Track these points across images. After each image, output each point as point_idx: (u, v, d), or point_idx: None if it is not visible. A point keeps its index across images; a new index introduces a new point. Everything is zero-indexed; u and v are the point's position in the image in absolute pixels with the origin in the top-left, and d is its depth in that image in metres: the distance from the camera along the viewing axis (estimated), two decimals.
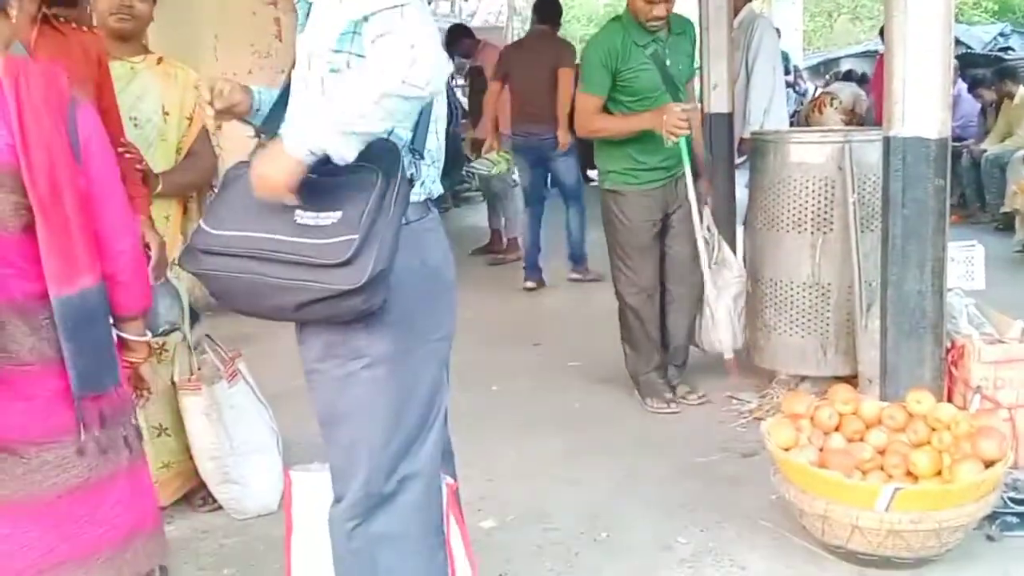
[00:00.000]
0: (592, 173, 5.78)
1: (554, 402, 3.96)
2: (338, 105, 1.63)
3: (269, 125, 1.85)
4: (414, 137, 1.81)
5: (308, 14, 1.81)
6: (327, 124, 1.63)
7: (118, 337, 1.94)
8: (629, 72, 3.64)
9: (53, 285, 1.67)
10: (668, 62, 3.66)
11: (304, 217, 1.69)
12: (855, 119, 7.74)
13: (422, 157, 1.83)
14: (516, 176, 6.66)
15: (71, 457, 1.78)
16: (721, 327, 3.79)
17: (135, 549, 1.87)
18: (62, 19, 2.52)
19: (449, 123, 2.40)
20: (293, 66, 1.87)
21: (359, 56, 1.71)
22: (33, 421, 1.73)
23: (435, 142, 1.88)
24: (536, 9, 6.54)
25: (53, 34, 2.46)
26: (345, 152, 1.64)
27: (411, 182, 1.78)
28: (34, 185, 1.65)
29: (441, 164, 1.94)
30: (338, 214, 1.67)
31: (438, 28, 1.88)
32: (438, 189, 1.93)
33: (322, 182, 1.69)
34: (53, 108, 1.70)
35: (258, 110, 1.91)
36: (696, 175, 3.71)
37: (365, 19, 1.65)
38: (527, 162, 6.25)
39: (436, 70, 1.61)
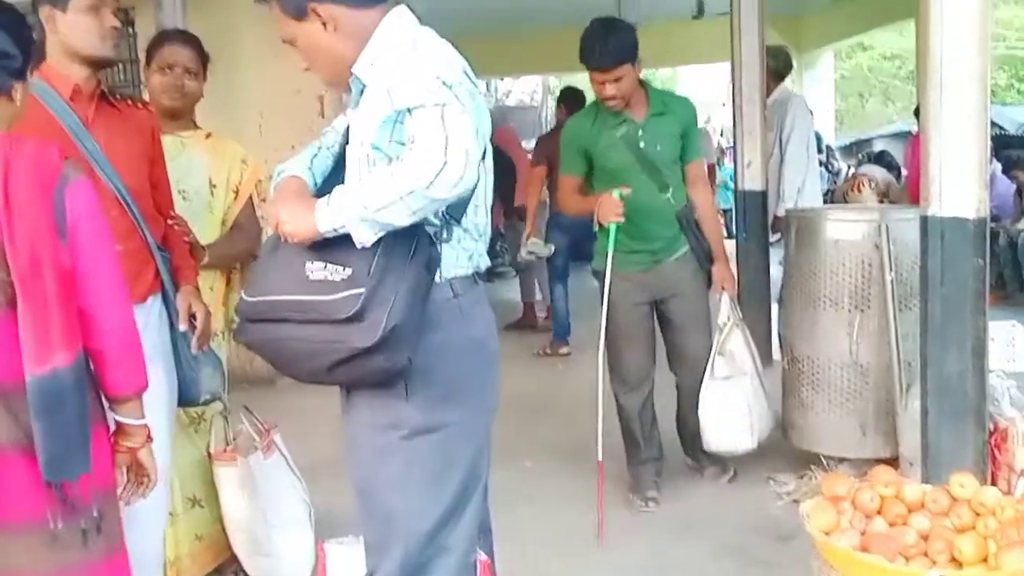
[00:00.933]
0: None
1: (589, 479, 3.92)
2: (366, 193, 1.69)
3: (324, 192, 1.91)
4: (452, 204, 1.83)
5: (362, 92, 1.87)
6: (353, 208, 1.69)
7: (115, 423, 1.89)
8: (598, 152, 3.55)
9: (27, 364, 1.65)
10: (642, 143, 3.50)
11: (315, 272, 1.74)
12: (887, 202, 7.77)
13: (458, 222, 1.86)
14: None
15: (42, 545, 1.72)
16: (710, 424, 3.60)
17: None
18: (118, 96, 2.61)
19: None
20: (346, 139, 1.93)
21: (400, 144, 1.77)
22: (5, 505, 1.69)
23: (483, 218, 1.92)
24: (560, 99, 6.78)
25: (110, 110, 2.53)
26: (363, 237, 1.70)
27: (434, 243, 1.81)
28: (15, 261, 1.65)
29: (488, 239, 1.98)
30: (348, 271, 1.71)
31: None
32: (485, 263, 1.96)
33: (334, 237, 1.74)
34: (40, 185, 1.70)
35: (315, 186, 1.96)
36: (709, 260, 3.65)
37: (408, 111, 1.72)
38: (565, 239, 6.52)
39: (467, 175, 1.66)
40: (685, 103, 3.72)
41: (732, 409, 3.58)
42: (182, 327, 2.65)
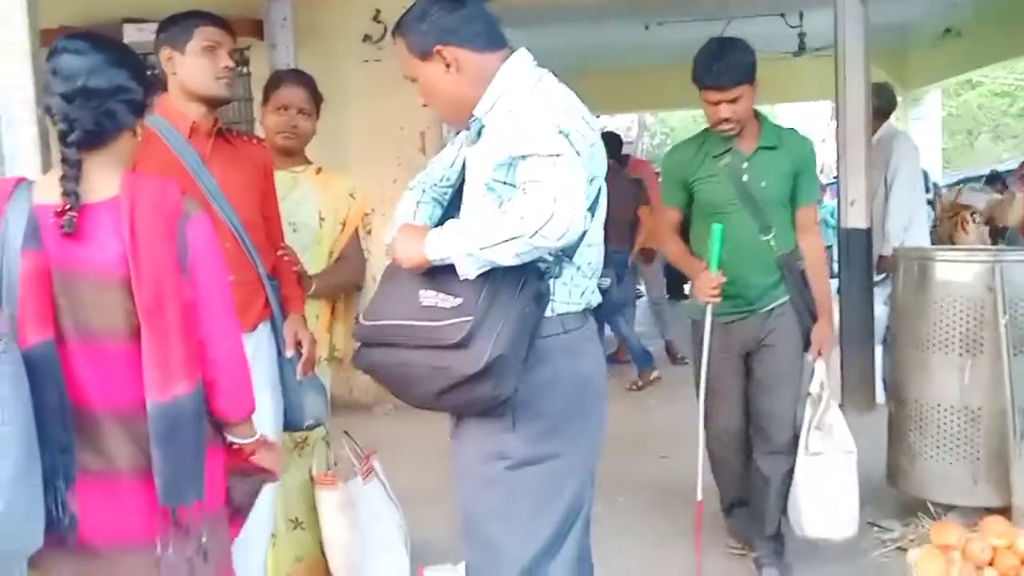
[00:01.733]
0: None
1: (681, 517, 3.86)
2: (475, 231, 1.74)
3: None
4: None
5: (480, 132, 1.92)
6: (460, 243, 1.74)
7: (229, 442, 1.94)
8: (699, 183, 3.24)
9: (150, 392, 1.71)
10: (746, 177, 3.17)
11: (427, 298, 1.80)
12: (995, 225, 7.44)
13: (571, 259, 1.88)
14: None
15: (148, 568, 1.76)
16: (807, 505, 3.18)
17: None
18: (234, 132, 2.72)
19: None
20: (462, 177, 1.98)
21: (512, 186, 1.81)
22: (119, 526, 1.75)
23: (595, 255, 1.95)
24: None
25: (226, 146, 2.64)
26: (466, 271, 1.75)
27: (543, 278, 1.84)
28: (140, 294, 1.71)
29: (599, 275, 2.00)
30: (459, 300, 1.76)
31: None
32: (596, 299, 1.99)
33: (448, 267, 1.79)
34: (164, 221, 1.76)
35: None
36: (812, 317, 3.25)
37: (523, 158, 1.76)
38: (613, 272, 6.53)
39: (572, 226, 1.69)
40: (803, 141, 3.33)
41: (835, 489, 3.18)
42: (289, 353, 2.73)
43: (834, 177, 6.18)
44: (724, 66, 3.08)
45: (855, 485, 3.19)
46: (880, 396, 5.21)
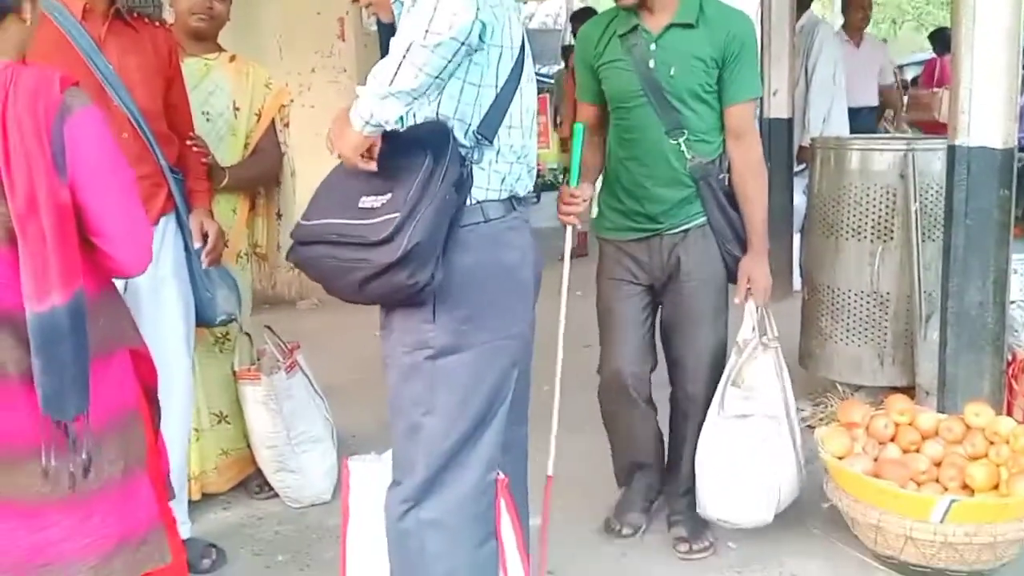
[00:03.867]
0: None
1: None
2: (378, 72, 1.70)
3: None
4: (482, 122, 1.85)
5: (400, 9, 1.85)
6: (371, 91, 1.70)
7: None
8: (603, 69, 2.63)
9: (27, 301, 1.65)
10: (652, 62, 2.52)
11: (365, 201, 1.79)
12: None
13: (489, 142, 1.86)
14: None
15: (37, 476, 1.72)
16: (711, 482, 2.60)
17: (124, 558, 1.80)
18: (134, 14, 2.58)
19: None
20: None
21: None
22: (14, 431, 1.71)
23: (519, 139, 1.92)
24: (573, 19, 6.59)
25: (124, 29, 2.50)
26: (386, 115, 1.70)
27: (465, 163, 1.82)
28: (13, 198, 1.62)
29: (531, 163, 1.98)
30: (388, 196, 1.76)
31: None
32: (524, 187, 1.97)
33: (383, 166, 1.78)
34: (35, 118, 1.64)
35: None
36: (739, 244, 2.66)
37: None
38: None
39: (459, 16, 1.62)
40: (733, 19, 2.57)
41: (747, 465, 2.56)
42: (196, 246, 2.68)
43: None
44: None
45: (779, 460, 2.60)
46: (797, 284, 5.36)
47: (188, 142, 2.73)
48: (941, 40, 8.08)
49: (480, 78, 1.84)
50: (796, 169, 5.60)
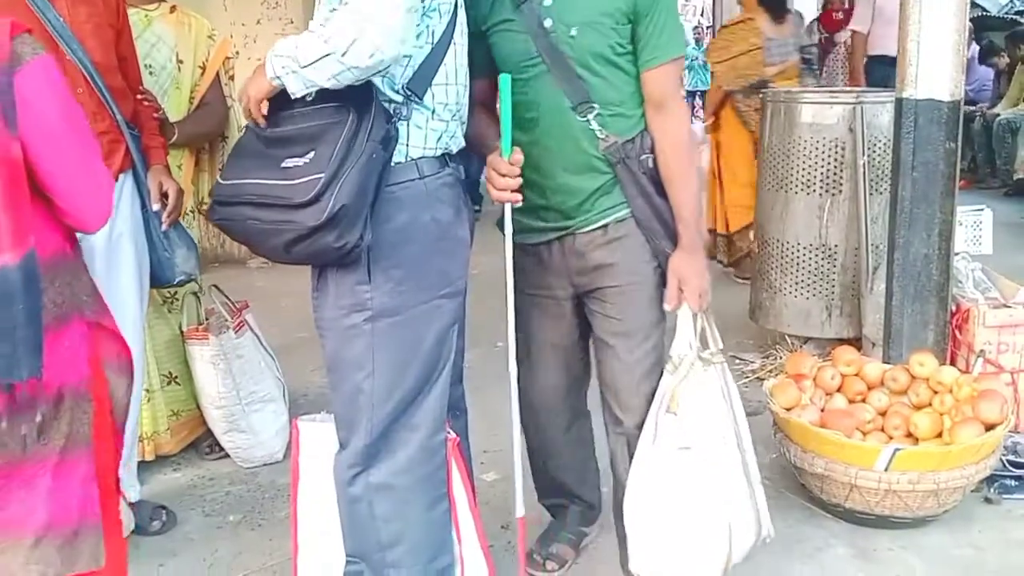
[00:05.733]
0: None
1: None
2: (299, 49, 1.67)
3: None
4: (412, 78, 1.80)
5: None
6: (287, 60, 1.68)
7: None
8: (493, 32, 2.09)
9: None
10: (549, 20, 2.01)
11: (287, 161, 1.74)
12: None
13: (420, 99, 1.82)
14: None
15: None
16: (640, 530, 2.12)
17: (45, 549, 1.70)
18: None
19: None
20: None
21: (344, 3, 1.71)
22: None
23: (453, 96, 1.88)
24: None
25: None
26: (294, 88, 1.70)
27: (392, 120, 1.79)
28: None
29: (463, 119, 1.94)
30: (311, 154, 1.72)
31: None
32: (457, 144, 1.93)
33: (306, 127, 1.74)
34: None
35: None
36: (670, 237, 2.11)
37: None
38: None
39: (384, 48, 1.62)
40: None
41: (687, 510, 2.07)
42: (155, 206, 2.62)
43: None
44: None
45: (728, 502, 2.09)
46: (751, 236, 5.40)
47: (139, 96, 2.65)
48: None
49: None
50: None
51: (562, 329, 2.28)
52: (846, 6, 7.25)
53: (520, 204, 2.03)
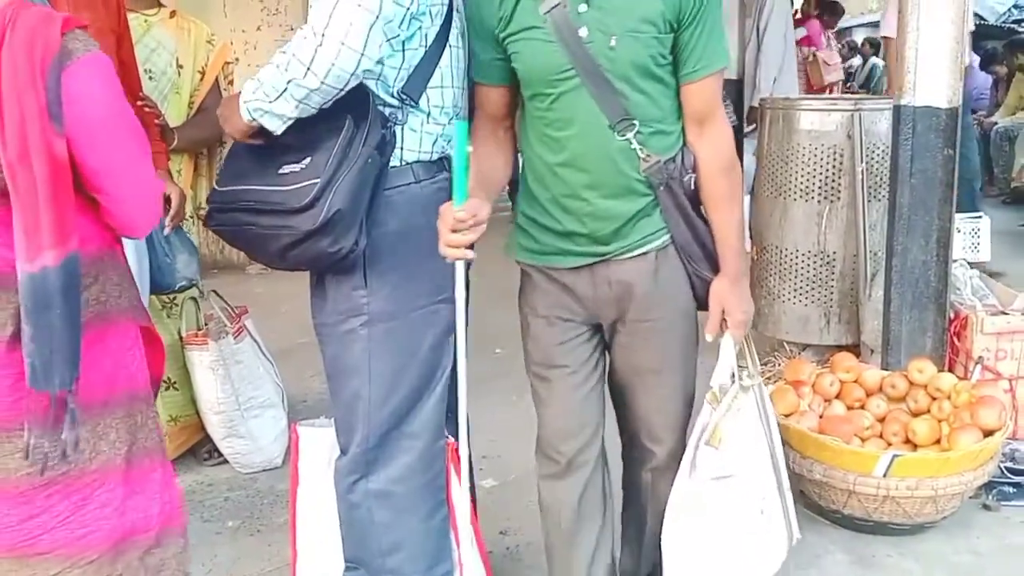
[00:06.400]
0: None
1: None
2: (263, 84, 1.71)
3: None
4: (407, 83, 1.81)
5: None
6: (256, 101, 1.72)
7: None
8: (512, 41, 1.85)
9: (19, 260, 1.52)
10: (584, 30, 1.78)
11: (285, 167, 1.76)
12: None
13: (415, 103, 1.82)
14: None
15: (16, 448, 1.59)
16: (679, 561, 2.01)
17: (129, 559, 1.66)
18: None
19: None
20: None
21: None
22: (10, 401, 1.58)
23: (449, 99, 1.88)
24: None
25: None
26: (272, 127, 1.74)
27: (388, 125, 1.79)
28: (4, 146, 1.50)
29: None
30: (307, 160, 1.73)
31: None
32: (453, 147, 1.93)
33: (304, 133, 1.75)
34: (31, 63, 1.51)
35: None
36: (711, 266, 1.96)
37: None
38: None
39: (340, 62, 1.64)
40: None
41: (727, 535, 2.01)
42: None
43: None
44: None
45: (766, 526, 2.03)
46: (747, 244, 5.41)
47: (140, 103, 2.66)
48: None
49: (404, 42, 1.79)
50: (746, 130, 5.62)
51: (583, 360, 2.02)
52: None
53: (470, 256, 1.72)
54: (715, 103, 1.89)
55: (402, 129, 1.82)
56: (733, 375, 2.00)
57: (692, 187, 1.89)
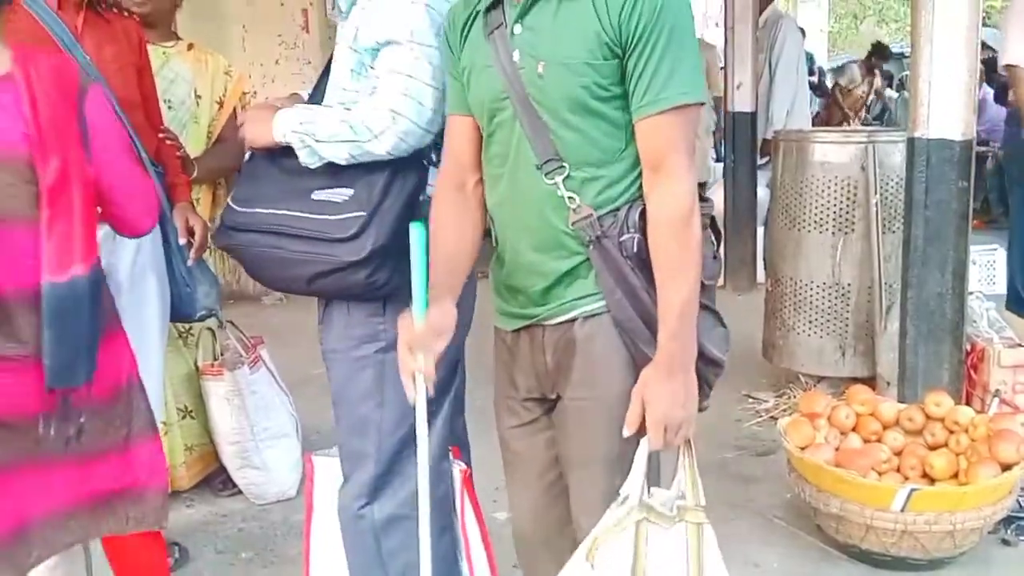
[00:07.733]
0: None
1: None
2: (317, 124, 1.75)
3: (315, 96, 1.95)
4: (441, 126, 1.82)
5: (351, 5, 1.84)
6: (301, 130, 1.76)
7: None
8: (465, 67, 1.67)
9: (47, 271, 1.68)
10: (516, 53, 1.56)
11: (320, 194, 1.79)
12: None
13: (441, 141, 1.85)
14: None
15: (32, 443, 1.75)
16: None
17: (116, 508, 1.87)
18: (103, 4, 2.55)
19: None
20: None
21: (372, 68, 1.79)
22: (29, 399, 1.72)
23: None
24: None
25: (97, 20, 2.50)
26: (306, 160, 1.78)
27: (425, 167, 1.83)
28: (44, 173, 1.66)
29: None
30: (350, 191, 1.76)
31: None
32: None
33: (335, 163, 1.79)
34: (65, 98, 1.70)
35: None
36: (650, 334, 1.59)
37: (383, 45, 1.75)
38: None
39: (407, 140, 1.73)
40: None
41: None
42: (182, 241, 2.66)
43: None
44: None
45: None
46: (761, 276, 5.41)
47: (160, 135, 2.70)
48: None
49: (442, 92, 1.80)
50: (760, 162, 5.64)
51: (540, 447, 1.76)
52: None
53: (430, 382, 1.63)
54: (672, 147, 1.52)
55: (435, 168, 1.85)
56: (642, 487, 1.57)
57: (635, 250, 1.55)
